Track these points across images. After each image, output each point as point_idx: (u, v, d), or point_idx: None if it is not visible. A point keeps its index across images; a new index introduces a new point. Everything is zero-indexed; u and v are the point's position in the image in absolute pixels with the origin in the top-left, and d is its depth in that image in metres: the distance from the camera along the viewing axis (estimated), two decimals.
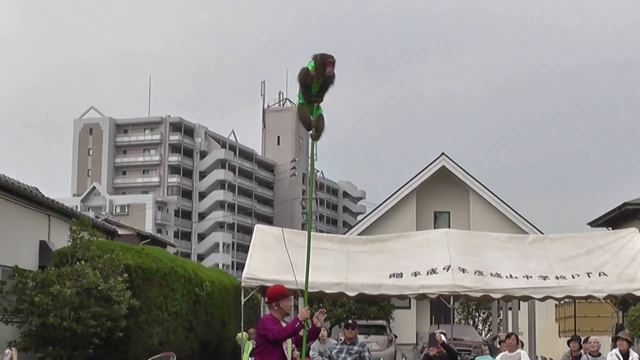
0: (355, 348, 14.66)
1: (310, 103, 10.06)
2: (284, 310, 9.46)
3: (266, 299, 10.44)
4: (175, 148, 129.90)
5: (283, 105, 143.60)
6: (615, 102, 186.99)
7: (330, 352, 15.17)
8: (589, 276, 20.75)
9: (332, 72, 9.85)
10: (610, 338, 20.24)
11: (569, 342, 18.89)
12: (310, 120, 10.03)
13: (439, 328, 26.24)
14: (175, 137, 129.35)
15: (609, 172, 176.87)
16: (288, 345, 9.39)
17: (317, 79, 9.92)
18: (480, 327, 37.25)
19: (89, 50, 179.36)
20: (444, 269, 20.65)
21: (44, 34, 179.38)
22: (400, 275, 20.92)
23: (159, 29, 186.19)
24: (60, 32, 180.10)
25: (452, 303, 20.68)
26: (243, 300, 21.34)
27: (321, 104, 10.14)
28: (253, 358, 11.16)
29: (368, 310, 34.33)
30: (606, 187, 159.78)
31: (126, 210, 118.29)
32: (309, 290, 10.66)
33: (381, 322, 32.73)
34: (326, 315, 9.89)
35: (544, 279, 20.71)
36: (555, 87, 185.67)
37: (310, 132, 10.11)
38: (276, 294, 9.50)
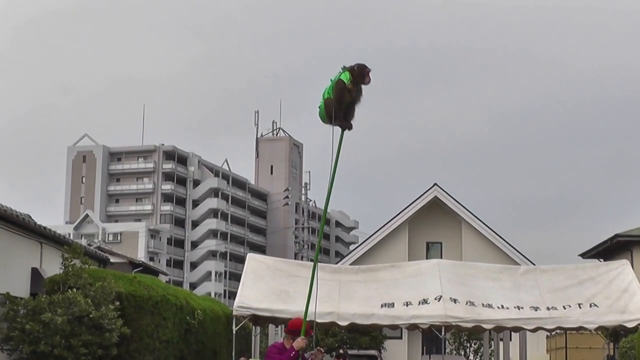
0: None
1: (342, 128, 9.97)
2: None
3: (285, 330, 10.67)
4: (168, 176, 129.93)
5: (276, 134, 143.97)
6: (608, 134, 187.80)
7: None
8: (580, 307, 20.82)
9: (370, 82, 9.71)
10: None
11: None
12: (338, 116, 9.88)
13: (430, 358, 26.25)
14: (168, 166, 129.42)
15: (600, 204, 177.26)
16: None
17: (352, 92, 9.76)
18: (471, 357, 37.15)
19: (83, 77, 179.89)
20: (435, 299, 20.68)
21: (37, 60, 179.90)
22: (392, 305, 20.95)
23: (154, 57, 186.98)
24: (54, 58, 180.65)
25: (443, 333, 20.69)
26: (235, 329, 21.31)
27: (320, 106, 9.94)
28: None
29: (359, 340, 34.25)
30: (598, 218, 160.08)
31: (119, 238, 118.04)
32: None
33: (372, 352, 32.65)
34: (324, 355, 10.08)
35: (535, 310, 20.77)
36: (548, 119, 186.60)
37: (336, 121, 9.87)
38: (297, 327, 9.78)
